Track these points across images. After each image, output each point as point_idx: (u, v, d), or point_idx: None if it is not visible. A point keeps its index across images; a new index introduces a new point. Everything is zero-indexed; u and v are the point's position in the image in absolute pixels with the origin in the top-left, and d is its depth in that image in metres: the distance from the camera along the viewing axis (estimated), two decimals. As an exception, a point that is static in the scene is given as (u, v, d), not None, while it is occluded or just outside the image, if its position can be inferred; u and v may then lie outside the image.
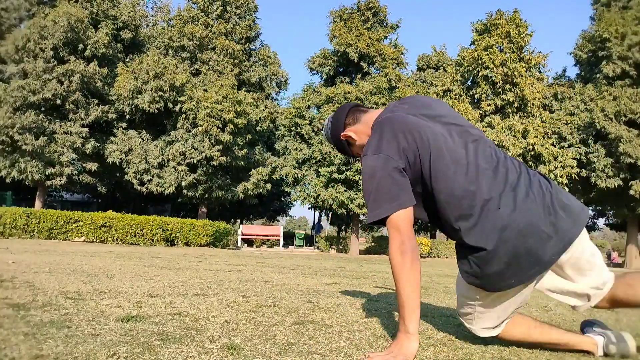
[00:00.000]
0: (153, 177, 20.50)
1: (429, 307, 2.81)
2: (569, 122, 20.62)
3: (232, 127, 19.86)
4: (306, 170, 20.08)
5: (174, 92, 20.36)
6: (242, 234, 22.02)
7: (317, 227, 27.28)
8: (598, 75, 21.17)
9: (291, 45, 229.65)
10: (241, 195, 21.53)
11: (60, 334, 1.56)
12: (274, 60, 24.55)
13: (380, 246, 22.30)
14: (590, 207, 25.13)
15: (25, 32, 19.92)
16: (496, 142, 19.57)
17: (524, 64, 20.15)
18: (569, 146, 20.56)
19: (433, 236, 28.49)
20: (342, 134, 1.87)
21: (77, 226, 13.76)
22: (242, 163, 21.17)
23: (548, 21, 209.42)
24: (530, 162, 19.85)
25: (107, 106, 21.23)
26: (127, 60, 22.91)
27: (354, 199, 19.31)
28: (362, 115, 1.86)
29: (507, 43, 20.15)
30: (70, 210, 14.91)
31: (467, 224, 1.55)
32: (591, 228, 27.24)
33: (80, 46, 20.68)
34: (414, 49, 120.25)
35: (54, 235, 13.44)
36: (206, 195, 21.28)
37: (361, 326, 2.04)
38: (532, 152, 19.75)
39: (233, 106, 19.82)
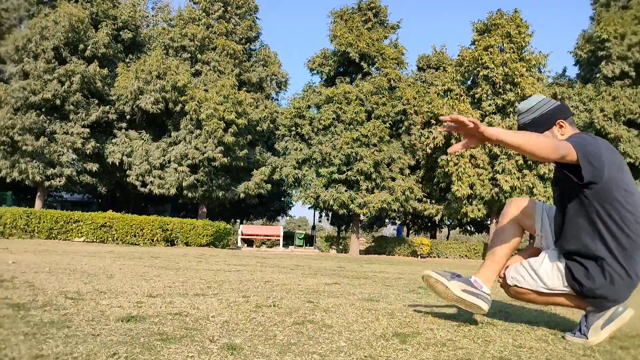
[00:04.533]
0: (155, 178, 20.50)
1: (428, 307, 2.81)
2: (568, 122, 20.63)
3: (235, 127, 19.88)
4: (306, 170, 20.07)
5: (176, 93, 20.35)
6: (242, 234, 22.04)
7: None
8: (598, 75, 21.15)
9: (291, 45, 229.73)
10: (242, 195, 21.53)
11: (60, 334, 1.56)
12: (274, 60, 24.54)
13: (380, 246, 22.28)
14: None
15: (26, 32, 19.92)
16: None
17: (525, 64, 20.12)
18: (569, 146, 20.55)
19: (433, 236, 28.47)
20: (559, 120, 2.12)
21: (77, 226, 13.76)
22: (242, 163, 21.17)
23: (548, 21, 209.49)
24: (530, 163, 19.84)
25: (107, 106, 21.22)
26: (127, 60, 22.90)
27: (354, 199, 19.30)
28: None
29: (508, 43, 20.13)
30: (70, 210, 14.92)
31: None
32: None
33: (81, 46, 20.68)
34: (414, 49, 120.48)
35: (54, 235, 13.43)
36: (207, 195, 21.29)
37: (361, 326, 2.04)
38: (532, 153, 19.68)
39: (234, 106, 19.82)
